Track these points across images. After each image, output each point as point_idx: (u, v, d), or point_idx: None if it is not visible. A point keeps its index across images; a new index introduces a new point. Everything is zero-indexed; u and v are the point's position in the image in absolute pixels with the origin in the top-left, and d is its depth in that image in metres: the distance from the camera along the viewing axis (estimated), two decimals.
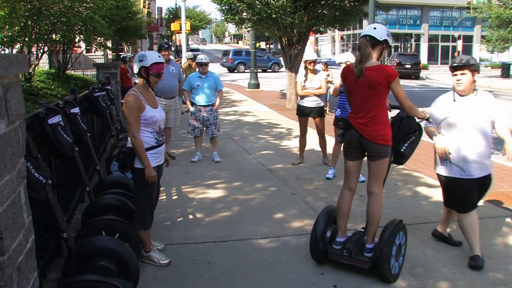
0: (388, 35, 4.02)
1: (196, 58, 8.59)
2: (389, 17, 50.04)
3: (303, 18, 14.13)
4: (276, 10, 13.82)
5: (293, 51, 15.63)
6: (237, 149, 9.47)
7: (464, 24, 54.99)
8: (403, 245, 4.12)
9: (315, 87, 7.64)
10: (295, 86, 16.19)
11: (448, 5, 50.99)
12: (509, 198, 6.36)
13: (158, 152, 4.23)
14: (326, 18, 14.93)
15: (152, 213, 4.33)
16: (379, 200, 4.14)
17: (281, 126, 12.05)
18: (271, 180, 7.22)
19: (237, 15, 15.41)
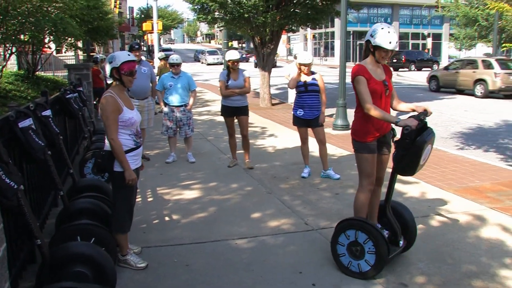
0: (372, 35, 4.06)
1: (169, 59, 8.52)
2: (360, 15, 50.53)
3: (275, 17, 14.16)
4: (248, 10, 13.81)
5: (266, 50, 15.66)
6: (212, 149, 9.43)
7: (433, 23, 55.92)
8: (365, 243, 4.06)
9: (239, 86, 7.62)
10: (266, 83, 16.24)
11: (417, 3, 51.81)
12: (480, 192, 6.48)
13: (137, 154, 4.18)
14: (298, 17, 14.98)
15: (131, 216, 4.27)
16: (356, 194, 4.35)
17: (255, 125, 12.06)
18: (246, 180, 7.21)
19: (209, 15, 15.34)
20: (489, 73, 19.70)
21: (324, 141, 7.22)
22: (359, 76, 4.10)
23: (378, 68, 4.19)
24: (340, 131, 11.15)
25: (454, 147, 9.98)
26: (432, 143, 3.98)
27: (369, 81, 4.08)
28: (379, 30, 4.02)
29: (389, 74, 4.31)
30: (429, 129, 3.93)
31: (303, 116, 7.08)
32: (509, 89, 19.56)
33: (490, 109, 16.31)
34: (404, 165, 3.94)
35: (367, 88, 4.06)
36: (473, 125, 12.88)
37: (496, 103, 18.24)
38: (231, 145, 8.13)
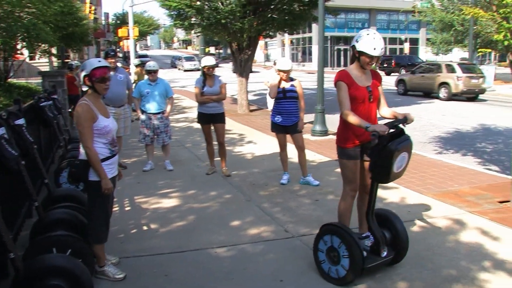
0: (357, 40, 4.11)
1: (145, 65, 8.48)
2: (338, 20, 50.95)
3: (252, 22, 14.20)
4: (225, 15, 13.83)
5: (243, 56, 15.68)
6: (190, 157, 9.40)
7: (410, 27, 56.75)
8: (339, 247, 4.09)
9: (215, 93, 7.64)
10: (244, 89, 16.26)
11: (394, 8, 52.53)
12: (459, 196, 6.58)
13: (112, 162, 4.13)
14: (275, 22, 15.05)
15: (107, 226, 4.22)
16: (339, 200, 4.42)
17: (233, 132, 12.06)
18: (225, 187, 7.19)
19: (186, 20, 15.31)
20: (452, 76, 20.92)
21: (303, 147, 7.26)
22: (339, 82, 4.16)
23: (363, 74, 4.23)
24: (318, 137, 11.22)
25: (433, 151, 10.13)
26: (409, 152, 3.95)
27: (350, 86, 4.13)
28: (364, 36, 4.06)
29: (378, 80, 4.33)
30: (404, 136, 3.92)
31: (281, 123, 7.10)
32: (470, 92, 20.91)
33: (467, 113, 16.60)
34: (376, 172, 3.97)
35: (347, 94, 4.11)
36: (451, 129, 13.09)
37: (475, 107, 18.59)
38: (209, 152, 8.11)
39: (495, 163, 9.15)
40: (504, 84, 28.89)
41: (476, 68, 22.29)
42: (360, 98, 4.14)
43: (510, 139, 11.35)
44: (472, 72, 21.11)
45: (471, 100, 21.08)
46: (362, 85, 4.17)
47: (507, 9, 5.33)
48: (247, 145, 10.46)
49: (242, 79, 16.11)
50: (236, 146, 10.38)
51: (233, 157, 9.09)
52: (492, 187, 7.05)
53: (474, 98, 21.37)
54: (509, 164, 6.67)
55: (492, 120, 14.60)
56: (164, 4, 14.72)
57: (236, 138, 11.30)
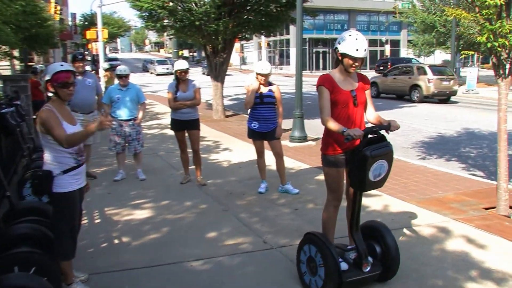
0: (339, 42, 4.11)
1: (116, 70, 8.41)
2: (317, 22, 51.41)
3: (228, 24, 14.21)
4: (199, 17, 13.82)
5: (218, 59, 15.69)
6: (163, 165, 9.34)
7: (391, 29, 57.58)
8: (315, 256, 4.11)
9: (189, 98, 7.62)
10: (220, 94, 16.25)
11: (374, 9, 53.28)
12: (443, 203, 6.67)
13: (78, 173, 4.06)
14: (252, 24, 15.10)
15: (75, 240, 4.14)
16: (323, 208, 4.45)
17: (208, 139, 12.02)
18: (201, 197, 7.16)
19: (158, 22, 15.25)
20: (423, 79, 21.94)
21: (281, 154, 7.27)
22: (320, 87, 4.17)
23: (347, 77, 4.22)
24: (297, 143, 11.26)
25: (416, 157, 10.25)
26: (388, 160, 3.91)
27: (332, 91, 4.13)
28: (346, 37, 4.05)
29: (364, 83, 4.33)
30: (383, 143, 3.91)
31: (258, 129, 7.10)
32: (441, 94, 22.02)
33: (451, 117, 16.87)
34: (352, 179, 3.99)
35: (328, 100, 4.12)
36: (434, 133, 13.27)
37: (458, 110, 18.90)
38: (183, 160, 8.07)
39: (480, 168, 9.30)
40: (487, 86, 29.43)
41: (448, 70, 23.37)
42: (343, 103, 4.15)
43: (495, 144, 11.52)
44: (443, 74, 22.24)
45: (443, 102, 22.22)
46: (345, 89, 4.17)
47: (489, 10, 5.42)
48: (223, 153, 10.44)
49: (217, 83, 16.10)
50: (211, 153, 10.35)
51: (208, 165, 9.06)
52: (477, 193, 7.16)
53: (446, 100, 22.47)
54: (494, 169, 6.77)
55: (476, 124, 14.85)
56: (135, 5, 14.63)
57: (212, 145, 11.27)
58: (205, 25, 14.21)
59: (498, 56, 5.85)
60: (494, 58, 5.91)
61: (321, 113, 4.13)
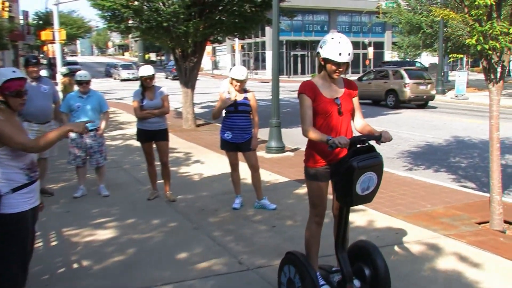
0: (321, 46, 4.08)
1: (75, 75, 8.32)
2: (294, 23, 51.82)
3: (198, 26, 14.22)
4: (167, 18, 13.80)
5: (188, 64, 15.67)
6: (129, 180, 9.26)
7: (374, 30, 58.31)
8: (294, 278, 4.10)
9: (156, 106, 7.60)
10: (190, 102, 16.22)
11: (356, 9, 53.86)
12: (432, 217, 6.73)
13: (31, 191, 3.92)
14: (224, 25, 15.14)
15: (26, 268, 4.01)
16: (306, 226, 4.43)
17: (178, 150, 11.97)
18: (170, 214, 7.11)
19: (122, 23, 15.17)
20: (399, 83, 22.78)
21: (257, 166, 7.27)
22: (301, 95, 4.16)
23: (332, 84, 4.20)
24: (274, 154, 11.28)
25: (402, 168, 10.35)
26: (378, 172, 3.90)
27: (315, 99, 4.12)
28: (328, 41, 4.03)
29: (351, 90, 4.31)
30: (372, 153, 3.88)
31: (232, 140, 7.10)
32: (418, 99, 22.95)
33: (439, 124, 17.11)
34: (338, 193, 3.98)
35: (310, 109, 4.10)
36: (421, 142, 13.43)
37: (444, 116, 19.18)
38: (150, 174, 8.02)
39: (471, 179, 9.43)
40: (477, 91, 29.97)
41: (425, 74, 24.31)
42: (326, 112, 4.13)
43: (486, 153, 11.71)
44: (420, 78, 23.17)
45: (420, 107, 23.27)
46: (329, 97, 4.16)
47: (479, 11, 5.52)
48: (194, 165, 10.39)
49: (187, 90, 16.06)
50: (181, 166, 10.30)
51: (178, 179, 9.00)
52: (468, 206, 7.25)
53: (423, 105, 23.39)
54: (487, 180, 6.87)
55: (466, 132, 15.09)
56: (96, 4, 14.53)
57: (182, 158, 11.22)
58: (174, 27, 14.20)
59: (489, 60, 5.95)
60: (485, 62, 6.00)
61: (302, 123, 4.11)
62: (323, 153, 4.16)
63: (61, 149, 8.81)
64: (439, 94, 28.40)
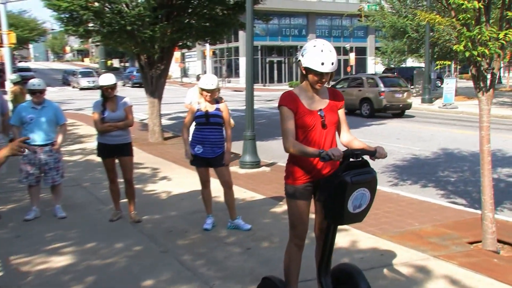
0: (303, 54, 4.08)
1: (28, 83, 8.22)
2: (270, 27, 52.15)
3: (166, 30, 14.21)
4: (131, 21, 13.75)
5: (155, 71, 15.63)
6: (89, 199, 9.16)
7: (356, 35, 59.03)
8: None
9: (119, 119, 7.56)
10: (157, 112, 16.16)
11: (337, 12, 54.42)
12: (420, 237, 6.78)
13: None
14: (194, 30, 15.17)
15: None
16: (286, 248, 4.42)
17: (144, 166, 11.91)
18: (135, 237, 7.04)
19: (81, 26, 15.03)
20: (374, 91, 23.54)
21: (230, 183, 7.25)
22: (282, 107, 4.16)
23: (315, 95, 4.21)
24: (249, 170, 11.27)
25: (387, 183, 10.42)
26: (371, 189, 3.95)
27: (296, 111, 4.12)
28: (310, 48, 4.02)
29: (337, 101, 4.32)
30: (366, 168, 3.94)
31: (203, 154, 7.08)
32: (394, 108, 23.70)
33: (426, 135, 17.31)
34: (328, 210, 3.97)
35: (291, 121, 4.10)
36: (408, 155, 13.56)
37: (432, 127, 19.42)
38: (112, 192, 7.95)
39: (461, 195, 9.54)
40: (467, 100, 30.48)
41: (401, 81, 24.98)
42: (309, 125, 4.14)
43: (477, 166, 11.87)
44: (396, 86, 23.91)
45: (397, 116, 24.08)
46: (312, 109, 4.16)
47: (467, 15, 5.60)
48: (161, 182, 10.34)
49: (153, 99, 16.01)
50: (147, 183, 10.24)
51: (144, 198, 8.95)
52: (459, 224, 7.32)
53: (399, 114, 24.14)
54: (478, 196, 6.95)
55: (455, 144, 15.30)
56: (51, 4, 14.34)
57: (148, 174, 11.16)
58: (139, 31, 14.16)
59: (478, 67, 6.04)
60: (474, 69, 6.10)
61: (284, 138, 4.09)
62: (305, 169, 4.17)
63: (10, 165, 8.69)
64: (425, 103, 28.86)
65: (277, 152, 11.68)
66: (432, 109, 27.24)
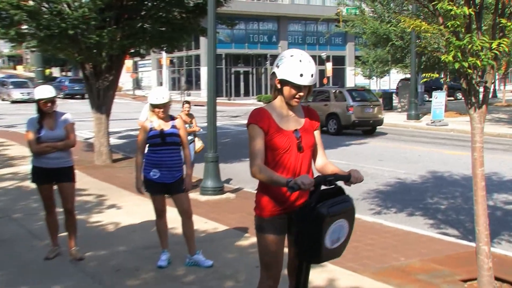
0: (278, 65, 4.08)
1: None
2: (236, 33, 52.35)
3: (115, 35, 14.14)
4: (74, 24, 13.61)
5: (102, 83, 15.52)
6: (20, 233, 9.02)
7: (334, 42, 59.62)
8: None
9: (58, 138, 7.48)
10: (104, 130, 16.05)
11: (311, 16, 54.85)
12: (407, 273, 6.81)
13: None
14: (148, 35, 15.14)
15: None
16: None
17: (88, 193, 11.79)
18: (75, 277, 6.96)
19: (12, 28, 14.76)
20: (342, 106, 24.17)
21: (190, 212, 7.22)
22: (251, 125, 4.12)
23: (290, 112, 4.21)
24: (211, 196, 11.23)
25: (369, 211, 10.46)
26: (349, 219, 3.95)
27: (268, 131, 4.10)
28: (287, 58, 4.04)
29: (313, 120, 4.35)
30: (342, 197, 3.93)
31: (159, 179, 7.03)
32: (364, 124, 24.44)
33: (413, 157, 17.49)
34: (301, 247, 3.93)
35: (260, 142, 4.08)
36: (392, 179, 13.67)
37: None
38: (49, 225, 7.83)
39: (453, 225, 9.62)
40: (458, 116, 30.85)
41: (371, 95, 25.91)
42: (283, 147, 4.11)
43: (471, 192, 11.99)
44: (366, 100, 24.71)
45: (368, 133, 24.91)
46: (287, 129, 4.15)
47: (456, 22, 5.68)
48: (108, 212, 10.25)
49: (100, 115, 15.88)
50: (92, 213, 10.13)
51: (87, 231, 8.85)
52: (451, 259, 7.37)
53: (371, 131, 24.86)
54: (472, 226, 7.01)
55: (445, 166, 15.49)
56: None
57: (92, 202, 11.04)
58: (83, 35, 14.06)
59: (469, 80, 6.11)
60: (464, 83, 6.16)
61: (251, 160, 4.07)
62: (277, 198, 4.14)
63: None
64: (412, 120, 29.13)
65: (244, 176, 11.65)
66: (420, 127, 27.57)
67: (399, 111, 35.31)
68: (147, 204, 8.06)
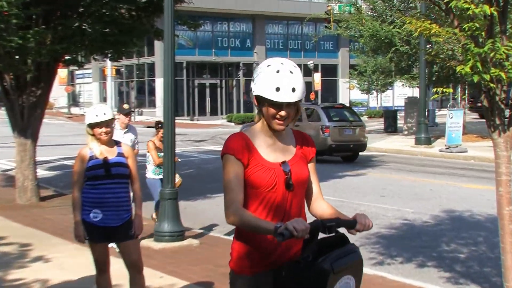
0: (253, 79, 3.95)
1: None
2: (201, 36, 52.41)
3: (44, 38, 14.06)
4: None
5: (27, 98, 15.36)
6: None
7: (323, 47, 59.81)
8: None
9: None
10: None
11: (295, 15, 54.92)
12: None
13: None
14: (88, 38, 15.07)
15: None
16: None
17: (8, 241, 11.64)
18: None
19: None
20: (316, 127, 24.56)
21: (140, 265, 7.18)
22: (226, 155, 3.98)
23: (277, 140, 4.09)
24: (168, 243, 11.15)
25: (369, 261, 10.41)
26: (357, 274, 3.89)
27: (248, 163, 3.97)
28: (262, 69, 3.92)
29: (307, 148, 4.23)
30: (348, 247, 3.85)
31: (102, 223, 6.96)
32: (343, 149, 24.86)
33: (423, 192, 17.50)
34: None
35: (238, 177, 3.94)
36: (397, 220, 13.67)
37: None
38: None
39: (475, 279, 9.60)
40: (480, 140, 30.76)
41: (352, 114, 26.36)
42: (267, 184, 3.97)
43: (497, 236, 12.01)
44: (345, 120, 25.23)
45: (349, 160, 25.74)
46: (273, 160, 4.03)
47: (475, 24, 5.66)
48: (34, 266, 10.12)
49: (25, 141, 15.71)
50: (11, 268, 9.99)
51: None
52: None
53: (352, 157, 25.46)
54: (500, 281, 7.00)
55: (465, 204, 15.48)
56: None
57: (13, 254, 10.90)
58: (1, 37, 13.96)
59: (492, 96, 6.06)
60: (486, 100, 6.10)
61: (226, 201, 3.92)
62: (263, 249, 3.99)
63: None
64: (421, 145, 28.96)
65: (210, 216, 11.58)
66: (431, 154, 27.56)
67: (406, 134, 35.24)
68: (85, 255, 8.00)
